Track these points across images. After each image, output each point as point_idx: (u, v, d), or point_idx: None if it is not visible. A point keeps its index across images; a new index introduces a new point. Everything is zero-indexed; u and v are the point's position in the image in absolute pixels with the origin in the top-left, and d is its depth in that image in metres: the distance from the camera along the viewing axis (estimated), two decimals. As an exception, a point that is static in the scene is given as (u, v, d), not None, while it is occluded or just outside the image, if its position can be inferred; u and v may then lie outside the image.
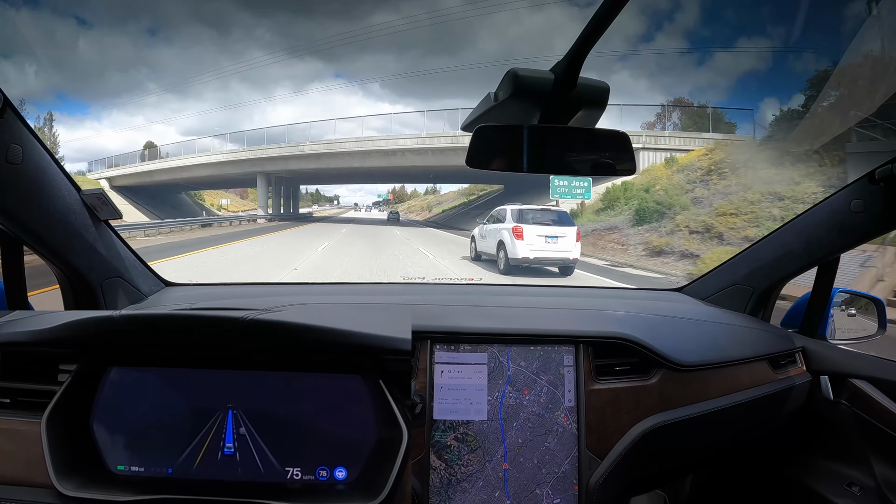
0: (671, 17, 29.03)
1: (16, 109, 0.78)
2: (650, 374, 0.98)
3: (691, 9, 26.66)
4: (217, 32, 66.18)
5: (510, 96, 0.60)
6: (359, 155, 20.20)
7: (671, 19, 28.88)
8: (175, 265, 8.00)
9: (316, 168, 22.00)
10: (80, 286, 1.04)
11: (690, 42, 25.25)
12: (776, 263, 1.22)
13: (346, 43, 35.73)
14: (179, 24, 55.97)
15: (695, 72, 25.11)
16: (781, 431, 1.18)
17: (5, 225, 0.87)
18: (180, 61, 57.09)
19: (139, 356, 0.74)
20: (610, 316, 1.10)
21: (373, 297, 1.28)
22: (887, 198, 0.96)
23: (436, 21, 36.10)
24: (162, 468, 0.71)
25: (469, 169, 0.66)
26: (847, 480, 1.07)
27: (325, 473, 0.72)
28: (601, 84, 0.62)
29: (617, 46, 26.70)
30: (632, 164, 0.67)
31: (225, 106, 68.63)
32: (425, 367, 0.92)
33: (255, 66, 60.71)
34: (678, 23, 26.99)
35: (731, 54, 23.82)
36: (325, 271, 8.07)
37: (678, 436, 0.99)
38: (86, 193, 0.98)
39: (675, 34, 26.36)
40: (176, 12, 53.78)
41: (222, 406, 0.72)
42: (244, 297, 1.28)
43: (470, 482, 0.91)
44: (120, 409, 0.72)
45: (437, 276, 7.98)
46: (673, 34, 26.78)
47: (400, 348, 0.72)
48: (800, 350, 1.15)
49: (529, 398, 0.94)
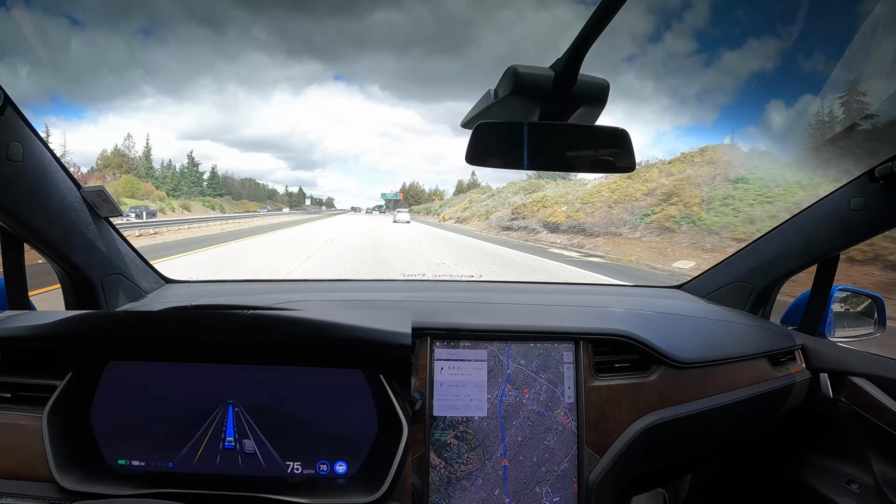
0: (678, 16, 28.77)
1: (16, 107, 0.78)
2: (650, 371, 0.98)
3: (696, 9, 26.49)
4: (212, 32, 65.49)
5: (510, 93, 0.60)
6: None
7: (679, 18, 28.64)
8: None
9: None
10: (80, 283, 1.04)
11: (698, 43, 25.11)
12: (776, 261, 1.22)
13: (345, 41, 35.66)
14: (174, 24, 55.38)
15: (701, 73, 24.95)
16: (781, 429, 1.18)
17: (6, 222, 0.87)
18: (176, 62, 56.52)
19: (139, 352, 0.75)
20: (610, 313, 1.10)
21: (373, 293, 1.28)
22: (887, 196, 0.96)
23: (438, 18, 35.88)
24: (162, 462, 0.72)
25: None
26: (846, 478, 1.07)
27: (325, 468, 0.72)
28: (601, 81, 0.62)
29: (618, 47, 26.59)
30: (631, 161, 0.67)
31: (222, 109, 67.92)
32: (425, 363, 0.92)
33: (253, 68, 59.92)
34: (685, 23, 26.82)
35: (738, 54, 23.64)
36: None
37: (677, 433, 0.99)
38: (86, 190, 0.98)
39: (681, 34, 26.23)
40: (170, 11, 53.18)
41: (223, 401, 0.73)
42: (244, 293, 1.29)
43: (470, 480, 0.91)
44: (120, 404, 0.73)
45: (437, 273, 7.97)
46: (678, 34, 26.64)
47: (400, 343, 0.72)
48: (799, 347, 1.15)
49: (529, 396, 0.94)
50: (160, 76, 59.04)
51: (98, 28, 50.63)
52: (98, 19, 50.24)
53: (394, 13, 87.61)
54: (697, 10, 25.82)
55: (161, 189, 33.69)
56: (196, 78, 68.00)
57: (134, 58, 52.65)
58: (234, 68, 74.94)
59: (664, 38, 28.23)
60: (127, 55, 52.29)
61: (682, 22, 26.64)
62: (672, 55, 26.86)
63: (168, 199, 30.29)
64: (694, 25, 25.46)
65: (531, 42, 50.05)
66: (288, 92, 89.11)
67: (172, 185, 38.03)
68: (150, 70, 56.73)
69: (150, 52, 54.76)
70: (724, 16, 23.44)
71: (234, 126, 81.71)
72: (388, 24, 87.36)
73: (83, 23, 49.36)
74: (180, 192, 37.95)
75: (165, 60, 57.84)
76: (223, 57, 72.70)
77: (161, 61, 56.99)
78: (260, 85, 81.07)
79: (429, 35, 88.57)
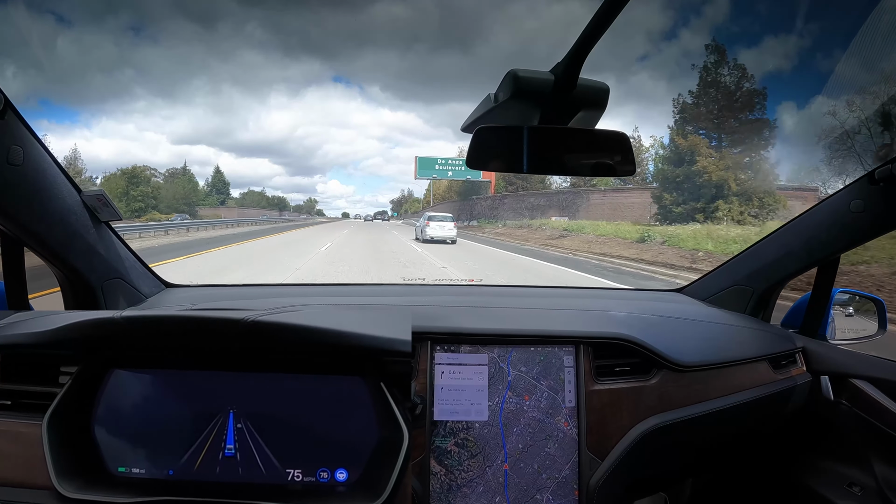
0: (695, 11, 28.49)
1: (17, 111, 0.78)
2: (650, 375, 0.97)
3: (712, 5, 26.30)
4: (204, 28, 64.67)
5: (510, 97, 0.60)
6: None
7: (696, 14, 28.37)
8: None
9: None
10: (80, 287, 1.04)
11: (713, 41, 24.95)
12: (776, 264, 1.22)
13: (344, 38, 34.66)
14: (164, 20, 54.53)
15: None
16: (782, 432, 1.17)
17: (6, 226, 0.87)
18: (167, 62, 55.87)
19: (140, 358, 0.74)
20: (610, 316, 1.10)
21: (373, 298, 1.28)
22: (887, 198, 0.96)
23: (443, 11, 34.93)
24: (163, 470, 0.71)
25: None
26: (848, 481, 1.07)
27: (325, 475, 0.72)
28: (601, 85, 0.62)
29: (631, 46, 26.37)
30: (632, 166, 0.67)
31: (217, 112, 67.32)
32: (426, 368, 0.92)
33: (248, 68, 59.11)
34: (701, 19, 26.63)
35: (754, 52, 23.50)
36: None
37: (679, 436, 0.99)
38: (86, 195, 0.98)
39: (697, 31, 26.09)
40: (159, 6, 52.35)
41: (223, 408, 0.72)
42: (245, 298, 1.29)
43: (470, 487, 0.91)
44: (121, 411, 0.72)
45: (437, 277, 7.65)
46: (695, 31, 26.49)
47: (400, 349, 0.72)
48: (800, 350, 1.15)
49: (530, 403, 0.94)
50: (152, 77, 58.14)
51: (85, 26, 49.97)
52: (85, 17, 49.64)
53: (396, 6, 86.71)
54: (713, 7, 25.69)
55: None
56: (189, 79, 67.20)
57: (124, 57, 51.84)
58: (229, 68, 74.14)
59: (680, 35, 28.07)
60: (117, 55, 51.64)
61: (699, 18, 26.50)
62: (687, 54, 26.69)
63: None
64: (711, 23, 25.34)
65: (542, 38, 49.57)
66: (285, 94, 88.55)
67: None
68: (142, 70, 55.87)
69: (141, 51, 53.90)
70: (739, 13, 23.35)
71: (229, 130, 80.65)
72: (390, 17, 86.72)
73: (69, 20, 48.55)
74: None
75: (157, 60, 57.07)
76: (217, 55, 72.06)
77: (152, 61, 56.24)
78: (256, 86, 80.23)
79: (433, 30, 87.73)
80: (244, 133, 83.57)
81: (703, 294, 1.39)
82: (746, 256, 1.31)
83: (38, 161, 0.85)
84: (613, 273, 10.15)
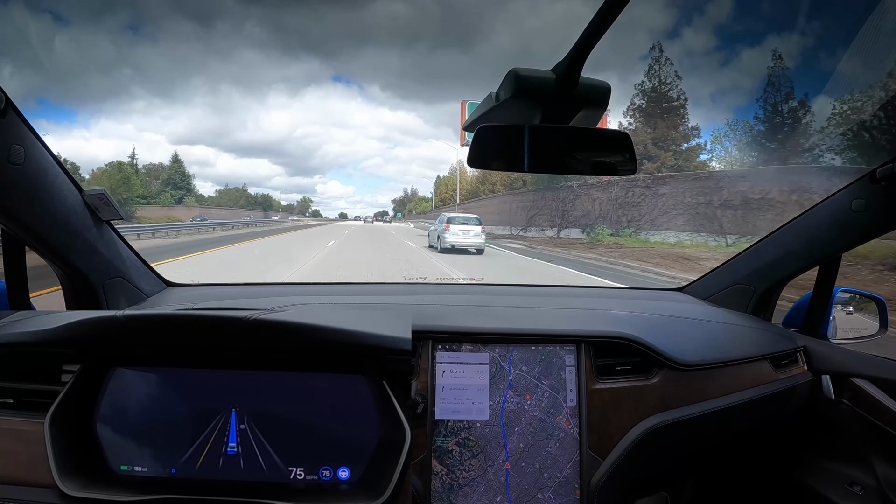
0: (698, 10, 28.31)
1: (18, 110, 0.79)
2: (651, 374, 0.98)
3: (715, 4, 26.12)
4: (202, 27, 64.27)
5: (511, 96, 0.60)
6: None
7: (699, 13, 28.21)
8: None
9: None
10: (81, 286, 1.04)
11: (717, 40, 24.74)
12: (777, 263, 1.22)
13: (344, 36, 34.06)
14: (162, 19, 54.02)
15: (718, 72, 24.59)
16: (783, 431, 1.17)
17: (7, 225, 0.87)
18: (166, 61, 55.51)
19: (142, 357, 0.74)
20: (611, 316, 1.10)
21: (374, 297, 1.28)
22: (888, 197, 0.96)
23: (445, 8, 34.26)
24: (165, 468, 0.71)
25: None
26: (849, 480, 1.07)
27: (328, 473, 0.72)
28: (602, 84, 0.62)
29: (634, 44, 26.18)
30: (633, 165, 0.67)
31: (216, 112, 66.96)
32: (427, 367, 0.92)
33: (246, 67, 58.52)
34: (703, 18, 26.50)
35: (756, 52, 23.34)
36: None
37: (679, 435, 0.99)
38: (87, 194, 0.98)
39: (700, 30, 25.97)
40: (157, 5, 51.91)
41: (225, 406, 0.72)
42: (246, 297, 1.29)
43: (472, 487, 0.91)
44: (123, 410, 0.73)
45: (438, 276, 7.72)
46: (698, 30, 26.37)
47: (400, 348, 0.72)
48: (801, 349, 1.15)
49: (531, 403, 0.94)
50: (150, 76, 57.82)
51: (83, 25, 49.69)
52: (82, 16, 49.31)
53: (396, 4, 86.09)
54: (715, 5, 25.50)
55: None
56: (188, 78, 66.87)
57: (122, 56, 51.63)
58: (228, 67, 73.81)
59: (682, 33, 27.91)
60: (115, 54, 51.39)
61: (701, 17, 26.36)
62: (689, 53, 26.52)
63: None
64: (714, 21, 25.20)
65: (543, 37, 49.10)
66: (284, 94, 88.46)
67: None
68: (140, 70, 55.53)
69: (139, 51, 53.55)
70: (742, 13, 23.20)
71: (228, 130, 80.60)
72: (390, 15, 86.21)
73: (66, 19, 48.28)
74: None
75: (155, 59, 56.69)
76: (215, 54, 71.68)
77: (151, 60, 55.89)
78: (255, 85, 79.96)
79: (434, 28, 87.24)
80: (243, 133, 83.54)
81: (704, 293, 1.39)
82: (747, 256, 1.31)
83: (39, 160, 0.85)
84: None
